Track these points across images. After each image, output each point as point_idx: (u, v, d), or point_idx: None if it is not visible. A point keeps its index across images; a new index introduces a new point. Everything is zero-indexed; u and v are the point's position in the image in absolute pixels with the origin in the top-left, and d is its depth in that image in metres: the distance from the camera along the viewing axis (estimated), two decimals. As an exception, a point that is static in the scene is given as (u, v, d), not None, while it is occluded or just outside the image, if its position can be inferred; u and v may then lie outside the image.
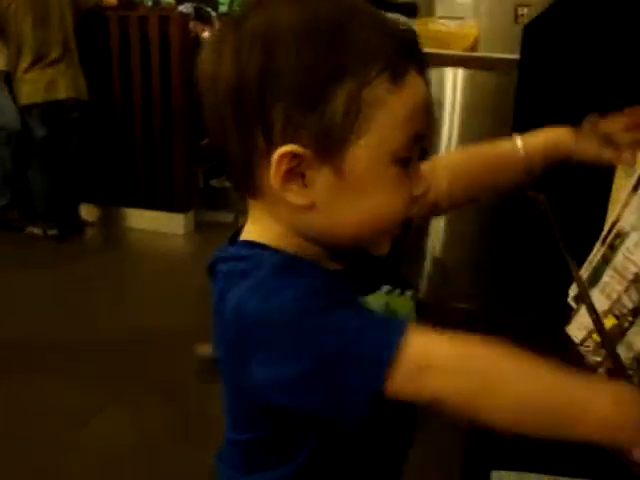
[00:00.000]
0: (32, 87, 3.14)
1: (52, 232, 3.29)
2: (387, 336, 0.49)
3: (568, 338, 0.89)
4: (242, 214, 0.63)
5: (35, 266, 2.98)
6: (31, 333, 2.29)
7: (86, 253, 3.32)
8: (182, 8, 5.26)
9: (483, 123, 1.99)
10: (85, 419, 1.80)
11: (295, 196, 0.54)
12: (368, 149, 0.53)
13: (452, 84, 2.00)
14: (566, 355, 0.85)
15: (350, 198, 0.54)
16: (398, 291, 0.65)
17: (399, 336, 0.48)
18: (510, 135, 1.21)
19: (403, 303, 0.65)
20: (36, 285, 2.73)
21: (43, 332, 2.29)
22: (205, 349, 1.92)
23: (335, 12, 0.53)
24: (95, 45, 3.37)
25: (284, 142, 0.52)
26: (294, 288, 0.51)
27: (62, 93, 3.18)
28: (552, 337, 0.92)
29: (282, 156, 0.52)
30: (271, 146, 0.52)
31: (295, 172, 0.53)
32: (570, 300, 0.96)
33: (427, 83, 0.56)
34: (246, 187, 0.57)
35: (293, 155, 0.52)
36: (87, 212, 3.57)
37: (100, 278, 2.85)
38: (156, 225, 3.42)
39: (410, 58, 0.54)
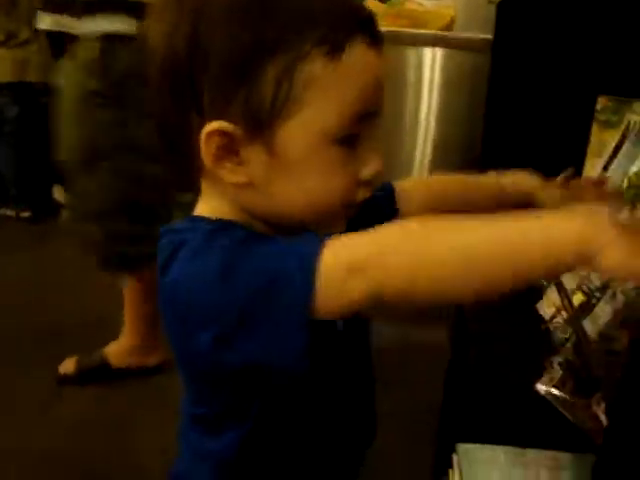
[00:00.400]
0: (2, 66, 3.08)
1: (25, 214, 3.25)
2: (307, 249, 0.46)
3: (538, 315, 0.90)
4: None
5: (6, 248, 2.93)
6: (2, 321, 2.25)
7: (59, 235, 3.26)
8: None
9: (460, 102, 2.00)
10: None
11: (229, 174, 0.52)
12: (301, 128, 0.50)
13: (430, 63, 2.00)
14: (536, 331, 0.86)
15: (286, 177, 0.52)
16: None
17: (318, 247, 0.45)
18: (481, 118, 1.22)
19: None
20: (6, 267, 2.69)
21: (18, 320, 2.26)
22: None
23: None
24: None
25: (214, 118, 0.49)
26: (222, 243, 0.49)
27: (32, 75, 3.12)
28: (523, 314, 0.93)
29: (211, 133, 0.50)
30: (203, 122, 0.50)
31: (228, 149, 0.51)
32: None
33: (378, 56, 0.52)
34: (187, 162, 0.54)
35: (222, 132, 0.50)
36: (61, 194, 3.51)
37: (71, 262, 2.81)
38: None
39: (354, 29, 0.50)
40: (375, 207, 0.62)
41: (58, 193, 3.47)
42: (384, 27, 1.76)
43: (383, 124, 0.60)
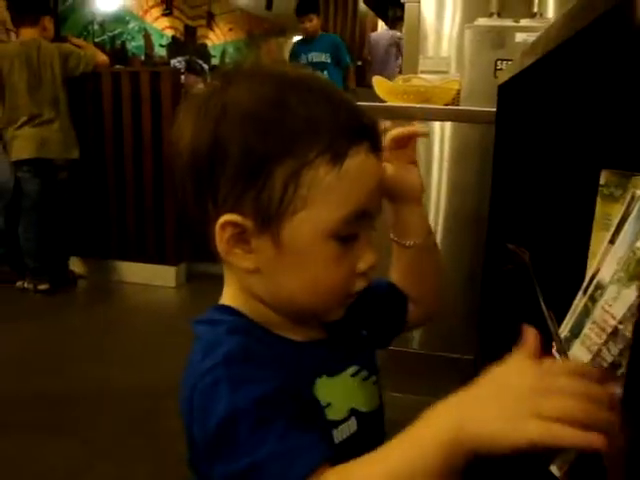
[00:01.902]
0: (24, 144, 3.20)
1: (42, 287, 3.29)
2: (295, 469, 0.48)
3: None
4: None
5: (24, 320, 2.96)
6: (15, 386, 2.25)
7: (77, 306, 3.31)
8: (174, 62, 5.40)
9: (469, 174, 2.03)
10: (74, 470, 1.76)
11: (240, 260, 0.57)
12: (304, 225, 0.55)
13: (439, 137, 2.04)
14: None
15: (290, 267, 0.57)
16: (364, 373, 0.66)
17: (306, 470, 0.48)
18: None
19: (367, 392, 0.65)
20: (24, 339, 2.71)
21: (28, 385, 2.26)
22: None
23: (280, 92, 0.55)
24: (89, 102, 3.43)
25: (227, 210, 0.55)
26: (236, 380, 0.52)
27: (52, 152, 3.24)
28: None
29: (224, 224, 0.55)
30: (218, 213, 0.56)
31: (239, 238, 0.56)
32: (555, 352, 0.97)
33: (378, 161, 0.58)
34: (208, 244, 0.60)
35: (234, 224, 0.55)
36: (78, 265, 3.57)
37: (88, 331, 2.83)
38: (147, 278, 3.43)
39: (356, 137, 0.55)
40: (381, 299, 0.71)
41: (75, 265, 3.53)
42: (393, 103, 1.81)
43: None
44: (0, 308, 3.18)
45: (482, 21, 2.17)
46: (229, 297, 0.62)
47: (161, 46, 7.16)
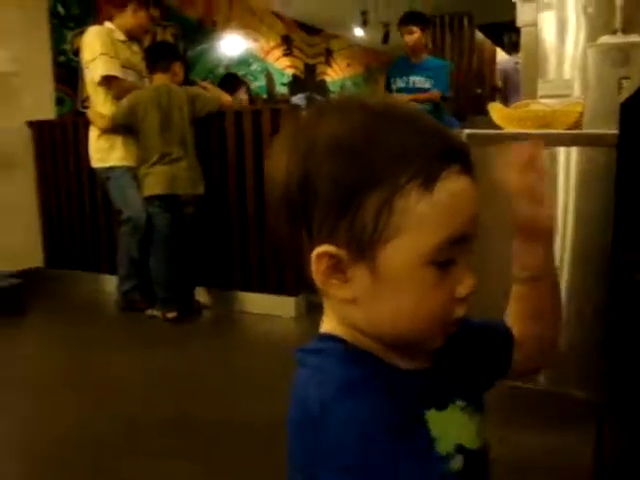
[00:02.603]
0: (155, 181, 3.43)
1: (170, 315, 3.48)
2: None
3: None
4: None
5: (154, 347, 3.13)
6: (143, 411, 2.37)
7: (201, 334, 3.45)
8: (295, 99, 5.58)
9: (596, 200, 1.92)
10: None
11: (337, 290, 0.57)
12: (400, 252, 0.54)
13: (565, 163, 1.96)
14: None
15: (387, 296, 0.56)
16: (471, 409, 0.63)
17: None
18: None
19: (473, 428, 0.63)
20: (151, 364, 2.87)
21: (155, 411, 2.37)
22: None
23: (371, 123, 0.55)
24: (214, 140, 3.62)
25: (322, 241, 0.56)
26: (357, 412, 0.52)
27: (180, 189, 3.45)
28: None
29: (320, 255, 0.56)
30: (313, 244, 0.56)
31: (335, 268, 0.56)
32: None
33: (471, 183, 0.56)
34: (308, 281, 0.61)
35: (329, 254, 0.55)
36: (203, 295, 3.74)
37: (212, 360, 2.94)
38: (268, 308, 3.52)
39: (447, 161, 0.54)
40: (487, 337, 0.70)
41: (200, 295, 3.71)
42: (510, 130, 1.76)
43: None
44: (132, 335, 3.40)
45: (605, 39, 2.07)
46: (330, 327, 0.63)
47: (282, 84, 7.45)
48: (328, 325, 0.63)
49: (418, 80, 4.45)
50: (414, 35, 4.42)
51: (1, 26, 4.14)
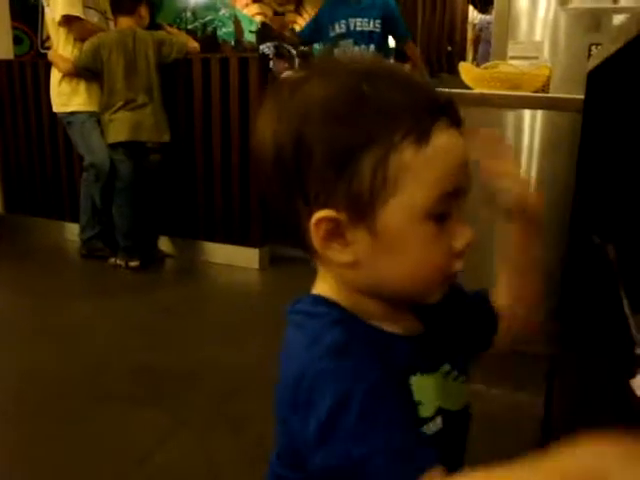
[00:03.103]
0: (119, 127, 3.36)
1: (133, 263, 3.46)
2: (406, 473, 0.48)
3: (631, 391, 0.86)
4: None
5: (117, 295, 3.13)
6: (107, 358, 2.39)
7: (164, 284, 3.46)
8: (263, 48, 5.47)
9: (559, 163, 1.96)
10: (160, 439, 1.86)
11: (338, 254, 0.57)
12: (398, 210, 0.55)
13: (530, 125, 1.98)
14: (628, 410, 0.83)
15: (389, 255, 0.57)
16: (455, 373, 0.65)
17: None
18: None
19: (455, 391, 0.65)
20: (115, 313, 2.87)
21: (120, 358, 2.39)
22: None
23: (359, 83, 0.55)
24: (180, 87, 3.55)
25: (320, 206, 0.56)
26: (343, 372, 0.53)
27: (145, 136, 3.39)
28: (616, 390, 0.90)
29: (319, 220, 0.56)
30: (310, 210, 0.56)
31: (335, 233, 0.56)
32: (637, 352, 0.93)
33: (460, 136, 0.57)
34: (299, 244, 0.60)
35: (329, 219, 0.55)
36: (166, 244, 3.72)
37: (176, 309, 2.96)
38: (232, 259, 3.53)
39: (436, 116, 0.55)
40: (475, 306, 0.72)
41: (164, 244, 3.69)
42: (480, 90, 1.78)
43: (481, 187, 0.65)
44: (94, 283, 3.39)
45: (577, 2, 2.08)
46: (324, 290, 0.62)
47: (251, 32, 7.27)
48: (322, 288, 0.63)
49: (360, 22, 3.69)
50: None
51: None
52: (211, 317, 2.87)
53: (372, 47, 3.68)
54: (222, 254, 3.58)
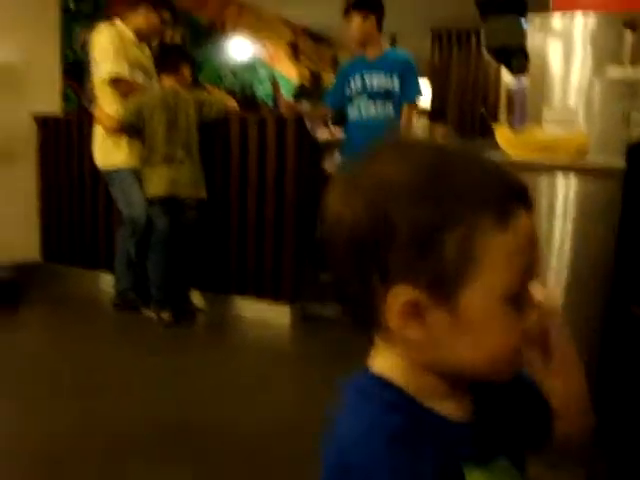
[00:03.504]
0: (158, 182, 3.45)
1: (165, 316, 3.49)
2: None
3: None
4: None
5: (147, 348, 3.15)
6: (133, 412, 2.38)
7: (195, 337, 3.47)
8: (300, 106, 5.61)
9: (595, 229, 1.94)
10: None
11: (414, 333, 0.56)
12: (480, 291, 0.55)
13: (564, 191, 1.98)
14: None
15: (467, 335, 0.56)
16: (514, 469, 0.63)
17: None
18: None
19: None
20: (144, 366, 2.88)
21: (146, 413, 2.38)
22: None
23: (438, 162, 0.56)
24: (218, 146, 3.64)
25: (400, 284, 0.55)
26: (400, 467, 0.53)
27: (182, 192, 3.47)
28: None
29: (398, 299, 0.55)
30: (388, 288, 0.55)
31: (413, 311, 0.55)
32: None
33: (532, 219, 0.58)
34: (364, 321, 0.60)
35: (409, 298, 0.55)
36: (198, 298, 3.75)
37: (205, 363, 2.95)
38: (263, 314, 3.53)
39: (516, 200, 0.56)
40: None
41: (196, 297, 3.71)
42: (515, 156, 1.79)
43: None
44: (125, 335, 3.41)
45: (613, 71, 2.10)
46: (384, 367, 0.61)
47: (288, 91, 7.48)
48: (381, 364, 0.61)
49: (377, 78, 3.39)
50: (358, 22, 3.40)
51: (12, 19, 4.15)
52: (238, 374, 2.85)
53: (390, 106, 3.39)
54: (253, 309, 3.59)
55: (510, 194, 0.56)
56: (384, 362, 0.61)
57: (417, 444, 0.54)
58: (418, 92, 3.45)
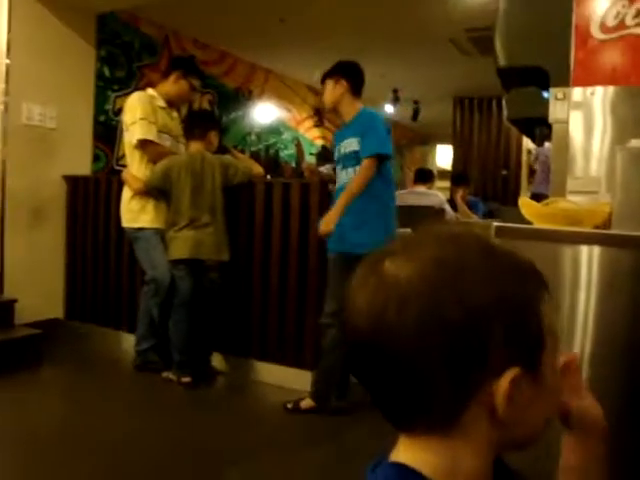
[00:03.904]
0: (182, 245, 3.50)
1: (185, 379, 3.47)
2: None
3: None
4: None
5: (165, 410, 3.12)
6: (148, 477, 2.35)
7: (215, 402, 3.43)
8: (322, 169, 5.70)
9: (620, 302, 1.92)
10: None
11: (508, 414, 0.56)
12: (549, 357, 0.59)
13: (587, 262, 1.96)
14: None
15: (542, 403, 0.59)
16: None
17: None
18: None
19: None
20: (161, 429, 2.85)
21: (161, 477, 2.35)
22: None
23: (481, 244, 0.60)
24: (243, 209, 3.70)
25: (502, 368, 0.55)
26: None
27: (205, 254, 3.51)
28: None
29: (514, 381, 0.55)
30: (485, 377, 0.55)
31: (515, 389, 0.56)
32: None
33: None
34: (433, 421, 0.57)
35: (519, 377, 0.56)
36: (219, 361, 3.73)
37: (224, 428, 2.92)
38: (284, 380, 3.50)
39: (543, 277, 0.62)
40: None
41: (217, 360, 3.70)
42: (539, 226, 1.78)
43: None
44: (145, 396, 3.38)
45: (636, 142, 2.11)
46: (414, 458, 0.58)
47: (311, 154, 7.62)
48: (412, 455, 0.59)
49: (346, 144, 3.15)
50: (329, 88, 3.24)
51: (51, 85, 4.32)
52: (257, 441, 2.81)
53: (354, 169, 3.07)
54: (274, 375, 3.55)
55: (542, 277, 0.61)
56: (417, 453, 0.58)
57: None
58: (377, 147, 3.03)
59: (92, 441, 2.68)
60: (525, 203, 2.02)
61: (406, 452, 0.59)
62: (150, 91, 3.80)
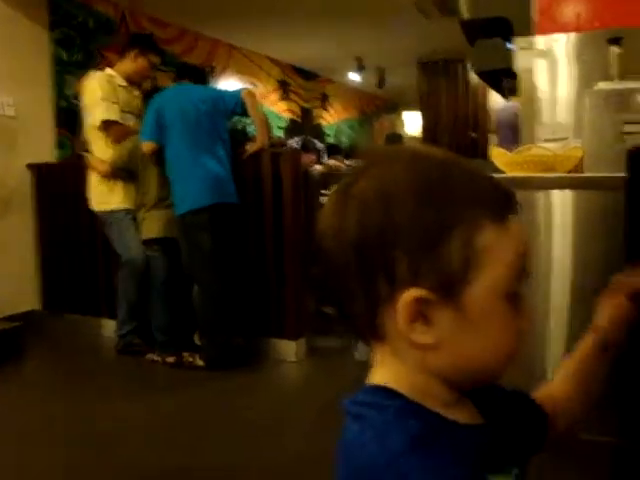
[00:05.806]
0: (152, 224, 3.45)
1: (169, 360, 3.44)
2: None
3: None
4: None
5: (151, 392, 3.10)
6: (140, 460, 2.33)
7: (201, 379, 3.40)
8: (291, 142, 5.65)
9: (594, 243, 1.93)
10: None
11: (420, 336, 0.57)
12: (483, 288, 0.56)
13: (561, 207, 1.97)
14: None
15: (471, 335, 0.57)
16: (521, 478, 0.64)
17: None
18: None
19: None
20: (149, 411, 2.84)
21: (154, 458, 2.33)
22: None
23: (442, 169, 0.58)
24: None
25: (407, 288, 0.56)
26: (431, 461, 0.53)
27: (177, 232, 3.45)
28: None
29: (409, 301, 0.55)
30: (395, 292, 0.56)
31: (421, 313, 0.56)
32: None
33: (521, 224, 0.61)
34: (368, 332, 0.60)
35: (420, 299, 0.55)
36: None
37: (212, 405, 2.91)
38: (268, 351, 3.49)
39: (508, 204, 0.59)
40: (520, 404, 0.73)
41: (199, 340, 3.66)
42: (512, 174, 1.78)
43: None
44: (131, 379, 3.35)
45: (603, 85, 2.12)
46: (386, 378, 0.61)
47: (279, 128, 7.54)
48: (383, 376, 0.61)
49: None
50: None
51: (5, 73, 4.20)
52: (246, 412, 2.80)
53: None
54: (258, 347, 3.54)
55: (504, 199, 0.59)
56: (385, 374, 0.61)
57: (437, 446, 0.54)
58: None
59: (82, 429, 2.64)
60: (496, 153, 2.01)
61: (376, 373, 0.62)
62: (108, 70, 3.71)
